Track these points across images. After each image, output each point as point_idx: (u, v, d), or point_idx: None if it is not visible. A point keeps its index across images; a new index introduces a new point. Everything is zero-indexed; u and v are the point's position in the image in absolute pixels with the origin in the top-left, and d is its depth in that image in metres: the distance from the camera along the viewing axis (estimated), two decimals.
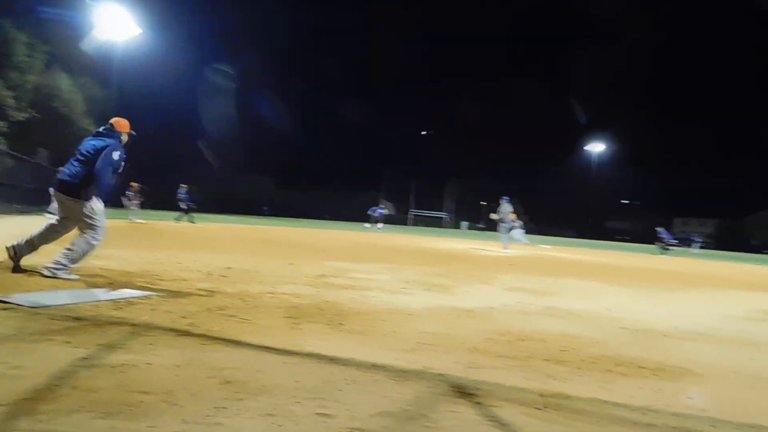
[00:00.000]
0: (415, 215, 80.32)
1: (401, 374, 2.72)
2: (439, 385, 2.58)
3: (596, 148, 66.63)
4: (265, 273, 6.57)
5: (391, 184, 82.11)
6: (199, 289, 4.95)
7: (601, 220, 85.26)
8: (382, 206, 33.40)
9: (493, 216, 17.76)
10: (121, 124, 5.64)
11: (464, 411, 2.23)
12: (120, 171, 5.46)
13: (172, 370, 2.49)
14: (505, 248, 17.03)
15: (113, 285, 4.83)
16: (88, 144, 5.37)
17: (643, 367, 3.24)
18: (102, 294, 4.33)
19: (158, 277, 5.44)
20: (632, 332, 4.39)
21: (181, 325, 3.47)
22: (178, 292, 4.76)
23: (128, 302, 4.10)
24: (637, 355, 3.56)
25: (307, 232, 22.89)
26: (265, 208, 57.79)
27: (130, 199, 22.00)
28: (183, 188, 22.67)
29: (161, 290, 4.77)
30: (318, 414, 2.08)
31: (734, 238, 77.45)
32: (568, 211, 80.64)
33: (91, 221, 5.19)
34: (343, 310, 4.45)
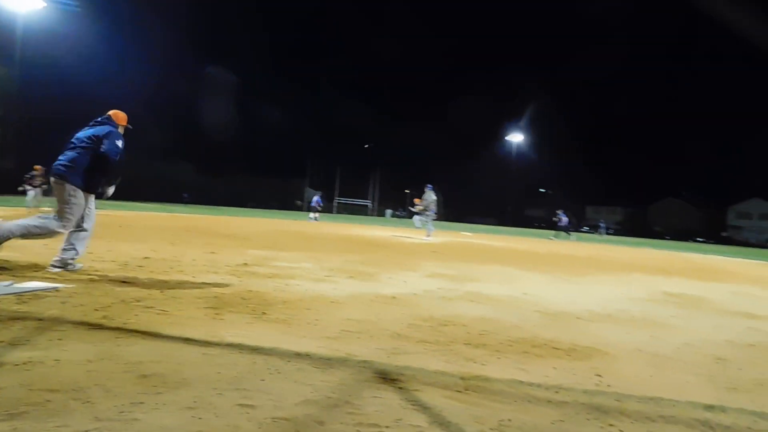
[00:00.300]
0: (339, 203, 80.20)
1: (325, 362, 2.72)
2: (363, 372, 2.61)
3: (515, 138, 68.89)
4: (186, 263, 6.36)
5: (317, 171, 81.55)
6: (114, 281, 4.72)
7: (520, 208, 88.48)
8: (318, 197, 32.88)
9: (417, 205, 17.92)
10: (119, 116, 5.58)
11: (387, 396, 2.27)
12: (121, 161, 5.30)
13: (83, 366, 2.37)
14: (428, 236, 17.34)
15: (17, 277, 4.52)
16: (86, 132, 5.27)
17: (557, 348, 3.41)
18: (3, 287, 4.04)
19: (71, 269, 5.14)
20: (547, 315, 4.61)
21: (94, 318, 3.30)
22: (91, 283, 4.52)
23: (34, 295, 3.85)
24: (551, 336, 3.75)
25: (231, 220, 22.34)
26: (185, 195, 55.54)
27: (33, 185, 20.49)
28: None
29: (72, 282, 4.51)
30: (240, 405, 2.05)
31: (639, 225, 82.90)
32: (488, 199, 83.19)
33: (66, 207, 5.06)
34: (267, 299, 4.39)
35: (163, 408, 1.96)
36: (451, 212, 65.70)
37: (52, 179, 5.15)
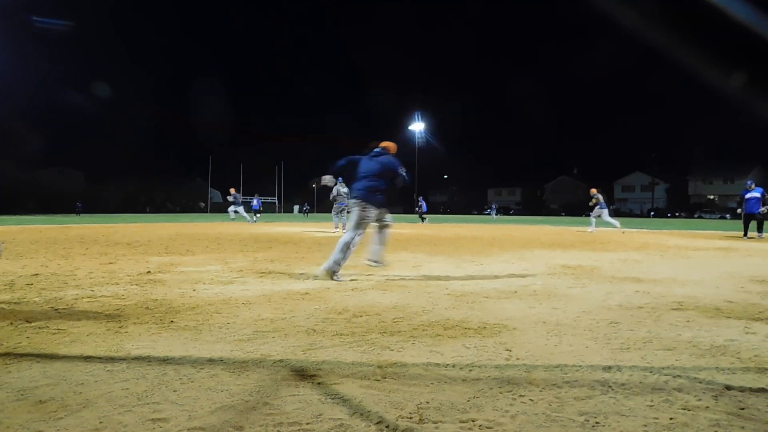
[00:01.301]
0: (243, 201, 78.19)
1: (240, 365, 2.66)
2: (280, 371, 2.57)
3: (418, 127, 70.34)
4: (81, 276, 5.95)
5: (219, 170, 79.02)
6: (0, 302, 4.34)
7: (425, 194, 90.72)
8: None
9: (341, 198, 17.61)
10: (392, 147, 6.52)
11: (306, 393, 2.25)
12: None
13: None
14: (336, 228, 17.33)
15: None
16: (372, 164, 6.28)
17: (467, 328, 3.54)
18: None
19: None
20: (456, 297, 4.76)
21: None
22: None
23: None
24: (461, 317, 3.88)
25: (128, 227, 21.15)
26: (79, 204, 51.90)
27: None
28: None
29: None
30: (152, 420, 1.95)
31: (537, 204, 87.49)
32: (393, 188, 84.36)
33: (387, 222, 6.50)
34: (173, 306, 4.21)
35: None
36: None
37: (362, 204, 6.17)
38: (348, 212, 17.44)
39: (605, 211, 19.39)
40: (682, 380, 2.49)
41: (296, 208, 75.39)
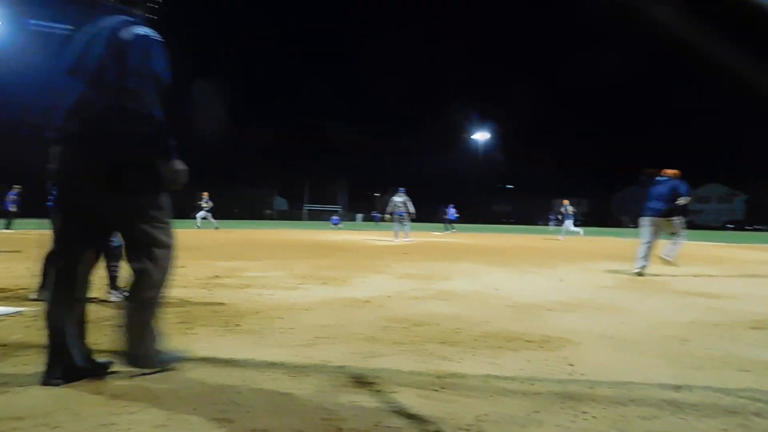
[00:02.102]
0: (309, 209, 79.76)
1: (300, 370, 2.71)
2: (339, 378, 2.60)
3: (481, 136, 69.69)
4: None
5: (285, 179, 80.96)
6: None
7: (486, 204, 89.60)
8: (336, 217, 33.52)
9: (396, 209, 17.53)
10: (675, 173, 8.17)
11: (364, 400, 2.27)
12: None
13: (50, 391, 2.31)
14: (406, 237, 17.36)
15: None
16: (661, 188, 8.15)
17: (529, 341, 3.46)
18: None
19: (31, 291, 4.99)
20: (518, 309, 4.67)
21: None
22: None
23: None
24: (523, 329, 3.80)
25: (198, 233, 21.99)
26: None
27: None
28: (15, 189, 20.92)
29: (34, 305, 4.38)
30: (216, 419, 2.02)
31: (604, 214, 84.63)
32: (454, 197, 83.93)
33: (678, 232, 8.23)
34: (239, 310, 4.34)
35: (135, 427, 1.92)
36: (421, 213, 66.10)
37: (659, 221, 8.13)
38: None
39: (570, 222, 21.84)
40: (761, 404, 2.34)
41: (359, 216, 76.12)
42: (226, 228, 27.72)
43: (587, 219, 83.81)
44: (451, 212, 29.26)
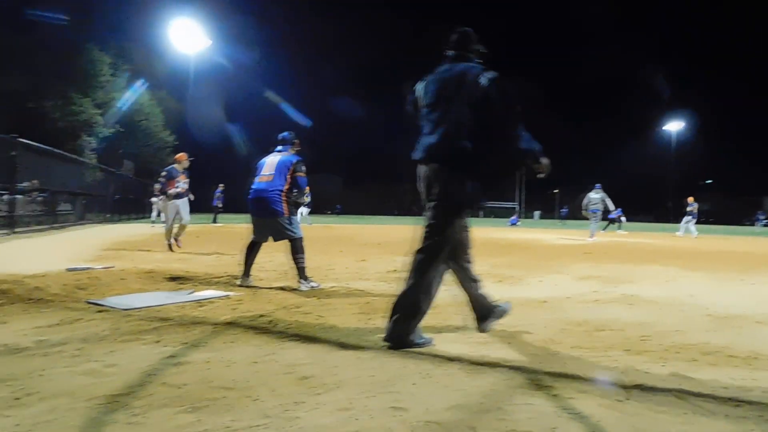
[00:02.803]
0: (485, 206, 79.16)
1: (476, 367, 2.71)
2: (515, 378, 2.55)
3: (675, 127, 63.33)
4: (339, 270, 6.70)
5: None
6: (276, 288, 5.12)
7: (680, 202, 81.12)
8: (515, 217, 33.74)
9: (596, 206, 16.54)
10: None
11: (540, 403, 2.20)
12: None
13: (252, 367, 2.60)
14: (591, 236, 16.41)
15: (196, 286, 5.08)
16: None
17: (732, 356, 3.07)
18: (186, 295, 4.56)
19: (236, 278, 5.66)
20: (719, 319, 4.16)
21: (260, 323, 3.61)
22: (256, 291, 4.94)
23: (210, 302, 4.30)
24: (725, 343, 3.37)
25: (378, 228, 23.10)
26: (338, 206, 59.21)
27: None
28: (219, 187, 23.62)
29: (240, 289, 4.96)
30: (393, 408, 2.10)
31: None
32: (645, 194, 77.12)
33: None
34: None
35: (321, 408, 2.08)
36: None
37: None
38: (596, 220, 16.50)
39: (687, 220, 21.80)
40: None
41: (537, 214, 73.75)
42: (403, 225, 28.67)
43: None
44: (617, 211, 26.87)
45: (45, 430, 1.82)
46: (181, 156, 9.83)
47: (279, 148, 5.60)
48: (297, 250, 5.27)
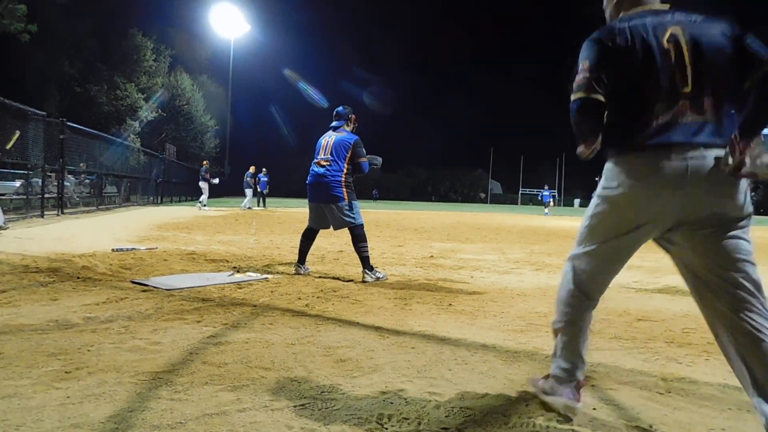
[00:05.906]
0: (522, 193, 78.10)
1: (512, 355, 2.69)
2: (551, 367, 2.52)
3: None
4: (376, 255, 6.71)
5: (498, 162, 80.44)
6: (313, 272, 5.17)
7: None
8: (547, 191, 32.65)
9: None
10: None
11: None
12: None
13: (290, 348, 2.64)
14: None
15: (236, 269, 5.18)
16: None
17: None
18: (226, 277, 4.66)
19: (275, 260, 5.75)
20: None
21: (298, 306, 3.66)
22: (294, 274, 5.00)
23: (249, 285, 4.37)
24: None
25: (415, 214, 23.06)
26: (375, 192, 59.27)
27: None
28: (262, 172, 23.62)
29: (278, 272, 5.04)
30: (428, 392, 2.11)
31: None
32: None
33: None
34: (452, 290, 4.46)
35: (357, 390, 2.11)
36: None
37: None
38: None
39: None
40: None
41: (577, 201, 72.36)
42: (438, 210, 28.56)
43: None
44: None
45: (94, 403, 1.90)
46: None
47: (334, 124, 5.29)
48: (359, 238, 5.04)
